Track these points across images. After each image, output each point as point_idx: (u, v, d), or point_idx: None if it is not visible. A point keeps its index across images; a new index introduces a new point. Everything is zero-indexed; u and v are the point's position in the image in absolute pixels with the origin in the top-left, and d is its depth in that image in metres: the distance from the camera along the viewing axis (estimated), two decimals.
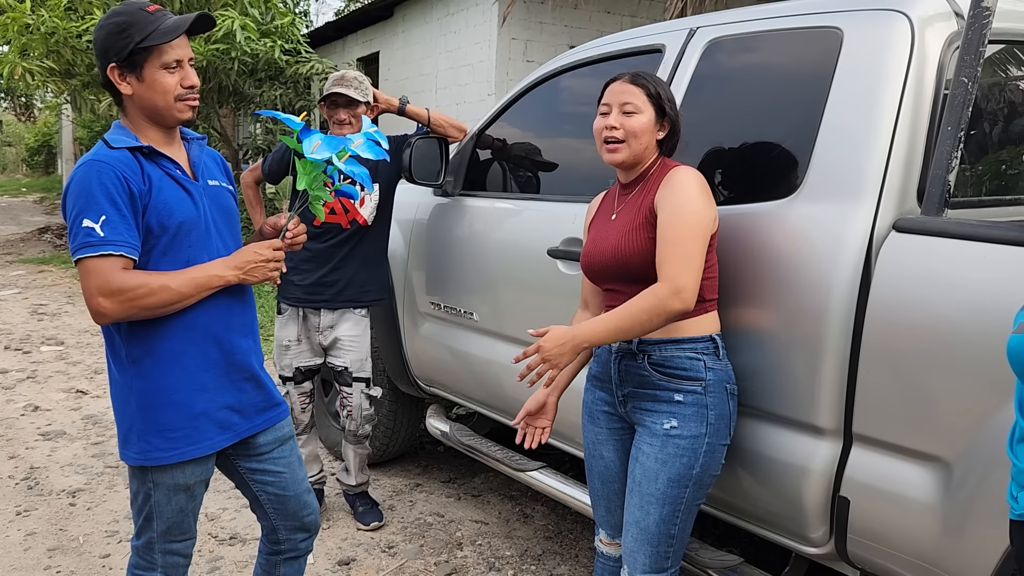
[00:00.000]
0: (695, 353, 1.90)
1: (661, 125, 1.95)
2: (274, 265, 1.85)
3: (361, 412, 3.20)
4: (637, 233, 1.91)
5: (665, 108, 1.94)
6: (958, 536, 1.68)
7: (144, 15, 1.75)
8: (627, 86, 1.94)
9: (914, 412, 1.75)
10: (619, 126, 1.93)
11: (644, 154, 1.95)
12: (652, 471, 1.90)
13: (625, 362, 1.97)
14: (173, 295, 1.73)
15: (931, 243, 1.74)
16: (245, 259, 1.83)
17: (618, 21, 8.54)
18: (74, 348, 6.03)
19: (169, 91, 1.77)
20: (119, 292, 1.68)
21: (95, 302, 1.69)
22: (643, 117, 1.92)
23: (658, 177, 1.94)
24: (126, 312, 1.71)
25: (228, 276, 1.80)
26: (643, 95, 1.93)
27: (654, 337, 1.91)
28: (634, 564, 1.94)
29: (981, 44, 1.75)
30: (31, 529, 3.18)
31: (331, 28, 11.95)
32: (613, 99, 1.95)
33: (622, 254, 1.92)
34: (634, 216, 1.93)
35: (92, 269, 1.68)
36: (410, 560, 3.01)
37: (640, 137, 1.92)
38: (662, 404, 1.91)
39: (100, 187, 1.69)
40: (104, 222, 1.67)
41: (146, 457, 1.80)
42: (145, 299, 1.70)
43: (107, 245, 1.67)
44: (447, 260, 3.12)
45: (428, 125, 3.17)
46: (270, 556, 2.11)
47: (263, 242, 1.88)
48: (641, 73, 1.97)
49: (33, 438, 4.17)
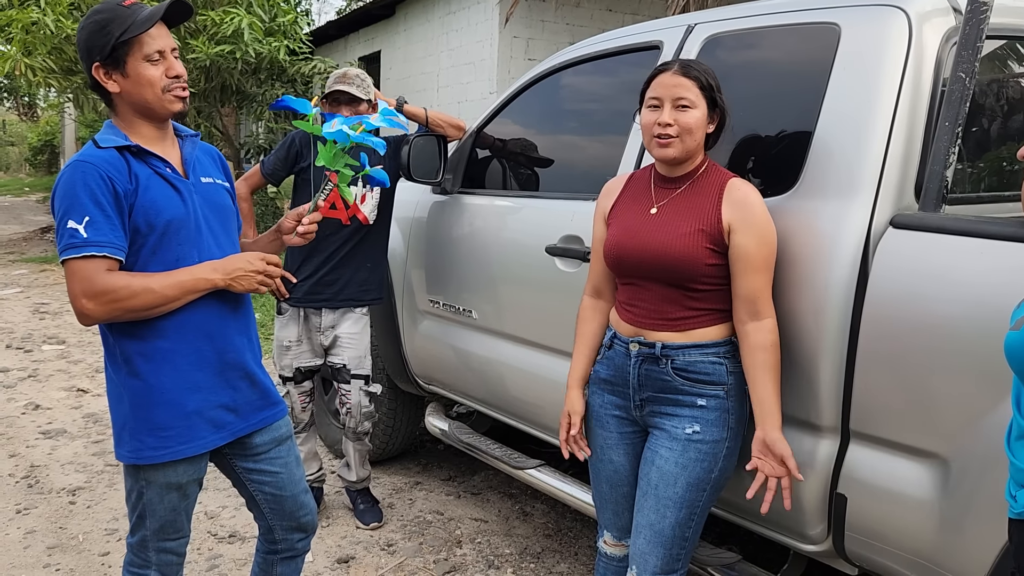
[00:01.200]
0: (717, 357, 1.89)
1: (711, 118, 1.89)
2: (262, 279, 1.84)
3: (360, 409, 3.20)
4: (693, 239, 1.85)
5: (717, 100, 1.88)
6: (955, 533, 1.67)
7: (121, 10, 1.74)
8: (680, 79, 1.86)
9: (912, 409, 1.74)
10: (673, 122, 1.85)
11: (696, 150, 1.90)
12: (671, 475, 1.88)
13: (646, 367, 1.93)
14: (156, 298, 1.72)
15: (929, 239, 1.73)
16: (235, 265, 1.82)
17: (620, 19, 8.54)
18: (75, 347, 6.04)
19: (155, 83, 1.76)
20: (102, 294, 1.68)
21: (79, 303, 1.69)
22: (697, 112, 1.86)
23: (713, 183, 1.89)
24: (109, 314, 1.70)
25: (215, 279, 1.79)
26: (696, 88, 1.85)
27: (678, 342, 1.89)
28: (644, 566, 1.93)
29: (979, 39, 1.74)
30: (31, 527, 3.19)
31: (333, 27, 11.96)
32: (664, 93, 1.87)
33: (673, 256, 1.86)
34: (688, 219, 1.87)
35: (76, 271, 1.68)
36: (409, 558, 3.00)
37: (695, 133, 1.86)
38: (684, 408, 1.89)
39: (84, 188, 1.68)
40: (88, 223, 1.67)
41: (138, 456, 1.80)
42: (128, 301, 1.70)
43: (90, 246, 1.67)
44: (446, 258, 3.12)
45: (426, 124, 3.17)
46: (267, 555, 2.11)
47: (258, 253, 1.87)
48: (692, 63, 1.89)
49: (34, 436, 4.18)
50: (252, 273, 1.83)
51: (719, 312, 1.89)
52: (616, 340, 2.01)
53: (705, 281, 1.87)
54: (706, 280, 1.87)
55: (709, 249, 1.85)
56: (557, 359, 2.58)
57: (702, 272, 1.85)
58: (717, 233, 1.85)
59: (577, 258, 2.49)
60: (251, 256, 1.85)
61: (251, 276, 1.83)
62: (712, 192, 1.88)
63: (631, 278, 1.97)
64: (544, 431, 2.76)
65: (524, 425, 2.89)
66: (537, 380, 2.70)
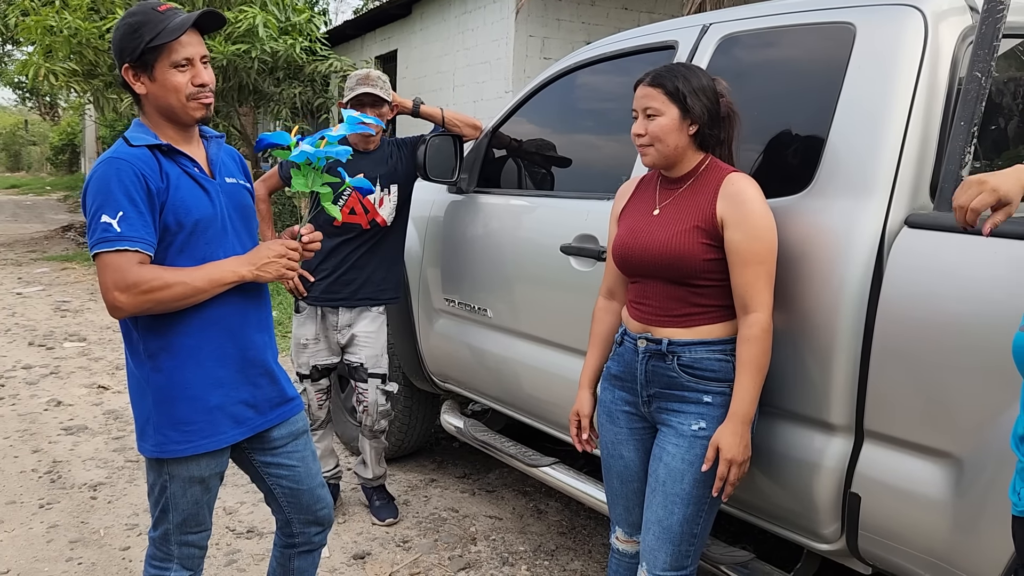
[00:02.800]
0: (723, 354, 1.90)
1: (690, 121, 1.90)
2: (287, 262, 1.87)
3: (377, 408, 3.22)
4: (690, 235, 1.88)
5: (687, 102, 1.88)
6: (970, 532, 1.67)
7: (155, 15, 1.77)
8: (647, 89, 1.92)
9: (926, 408, 1.74)
10: (644, 131, 1.92)
11: (677, 153, 1.92)
12: (678, 471, 1.89)
13: (652, 363, 1.95)
14: (188, 289, 1.76)
15: (944, 239, 1.73)
16: (259, 255, 1.86)
17: (635, 17, 8.52)
18: (96, 344, 6.12)
19: (180, 89, 1.79)
20: (134, 286, 1.71)
21: (111, 296, 1.72)
22: (664, 119, 1.89)
23: (712, 180, 1.91)
24: (141, 306, 1.73)
25: (243, 271, 1.83)
26: (662, 95, 1.89)
27: (684, 338, 1.91)
28: (654, 562, 1.94)
29: (995, 38, 1.73)
30: (54, 521, 3.24)
31: (349, 26, 12.00)
32: (638, 104, 1.94)
33: (672, 254, 1.89)
34: (686, 217, 1.90)
35: (109, 264, 1.71)
36: (424, 554, 3.03)
37: (664, 139, 1.90)
38: (690, 405, 1.91)
39: (119, 184, 1.72)
40: (122, 218, 1.70)
41: (161, 449, 1.83)
42: (159, 292, 1.73)
43: (124, 240, 1.70)
44: (461, 257, 3.14)
45: (443, 124, 3.19)
46: (284, 549, 2.14)
47: (276, 240, 1.91)
48: (662, 72, 1.92)
49: (56, 432, 4.24)
50: (276, 258, 1.86)
51: (724, 308, 1.90)
52: (626, 337, 2.03)
53: (707, 277, 1.88)
54: (708, 276, 1.88)
55: (706, 244, 1.87)
56: (572, 357, 2.60)
57: (701, 268, 1.87)
58: (712, 228, 1.87)
59: (592, 257, 2.50)
60: (270, 243, 1.89)
61: (276, 262, 1.86)
62: (709, 188, 1.90)
63: (637, 276, 2.00)
64: (559, 429, 2.78)
65: (539, 423, 2.91)
66: (552, 378, 2.72)
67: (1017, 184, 1.30)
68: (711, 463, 1.85)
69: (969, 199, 1.31)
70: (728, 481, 1.85)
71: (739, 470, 1.85)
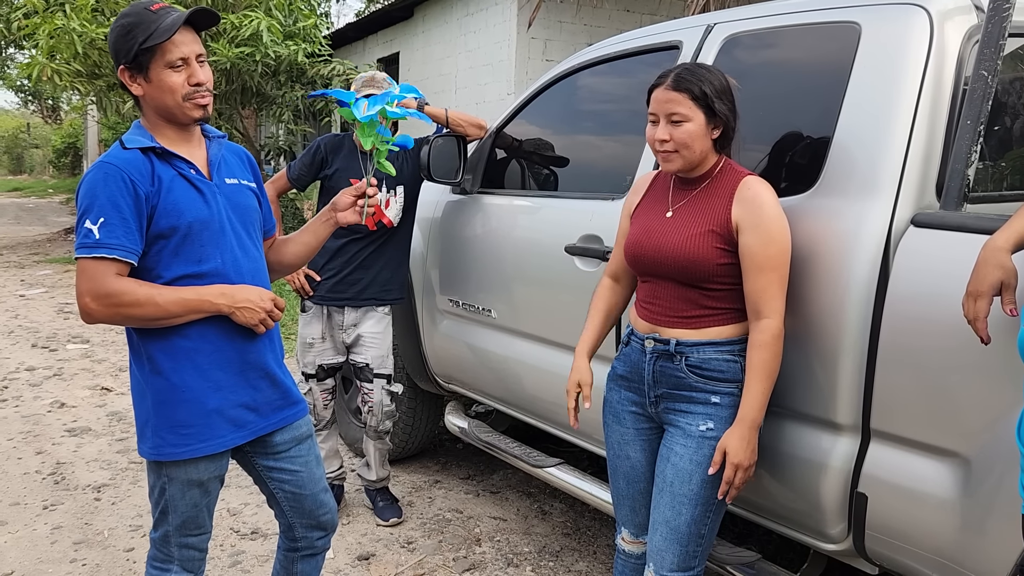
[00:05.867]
0: (732, 355, 1.89)
1: (715, 125, 1.87)
2: (264, 318, 1.84)
3: (382, 408, 3.22)
4: (704, 239, 1.86)
5: (714, 107, 1.85)
6: (977, 532, 1.67)
7: (147, 14, 1.75)
8: (671, 93, 1.85)
9: (932, 408, 1.74)
10: (668, 138, 1.86)
11: (701, 158, 1.90)
12: (686, 472, 1.89)
13: (660, 363, 1.94)
14: (158, 311, 1.74)
15: (950, 238, 1.73)
16: (245, 296, 1.83)
17: (638, 19, 8.52)
18: (99, 346, 6.12)
19: (176, 90, 1.77)
20: (105, 296, 1.71)
21: (83, 302, 1.73)
22: (691, 125, 1.85)
23: (727, 183, 1.89)
24: (111, 317, 1.74)
25: (220, 304, 1.80)
26: (688, 100, 1.84)
27: (692, 339, 1.90)
28: (661, 563, 1.93)
29: (1001, 37, 1.74)
30: (57, 523, 3.24)
31: (352, 29, 12.02)
32: (659, 108, 1.87)
33: (685, 257, 1.87)
34: (700, 220, 1.89)
35: (85, 270, 1.72)
36: (429, 556, 3.02)
37: (692, 146, 1.86)
38: (698, 406, 1.90)
39: (104, 189, 1.71)
40: (102, 224, 1.70)
41: (159, 452, 1.83)
42: (129, 308, 1.73)
43: (101, 248, 1.70)
44: (465, 258, 3.14)
45: (447, 125, 3.19)
46: (288, 553, 2.13)
47: (269, 293, 1.87)
48: (684, 74, 1.86)
49: (59, 434, 4.24)
50: (257, 310, 1.83)
51: (735, 311, 1.90)
52: (633, 336, 2.03)
53: (720, 281, 1.88)
54: (720, 280, 1.87)
55: (720, 249, 1.86)
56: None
57: (714, 272, 1.86)
58: (727, 232, 1.86)
59: (596, 257, 2.50)
60: (263, 293, 1.86)
61: (256, 312, 1.83)
62: (725, 192, 1.89)
63: (649, 276, 1.99)
64: (563, 430, 2.77)
65: (543, 424, 2.90)
66: (556, 379, 2.71)
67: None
68: (718, 466, 1.84)
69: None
70: (733, 485, 1.85)
71: (745, 475, 1.84)
